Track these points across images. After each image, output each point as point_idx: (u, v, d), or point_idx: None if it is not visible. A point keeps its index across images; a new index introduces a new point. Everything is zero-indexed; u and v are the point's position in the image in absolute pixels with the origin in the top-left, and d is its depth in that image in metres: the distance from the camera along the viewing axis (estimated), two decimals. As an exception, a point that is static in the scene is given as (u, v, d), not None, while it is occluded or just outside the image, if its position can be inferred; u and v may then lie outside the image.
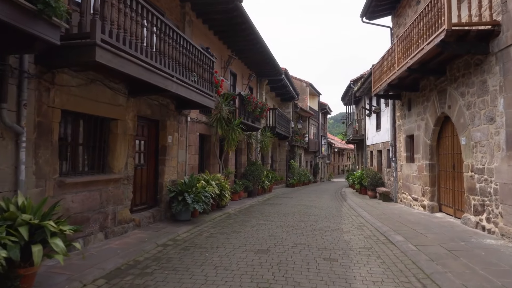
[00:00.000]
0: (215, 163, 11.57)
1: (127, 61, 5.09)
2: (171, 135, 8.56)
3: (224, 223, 8.20)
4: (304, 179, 25.70)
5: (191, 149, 9.80)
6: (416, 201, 10.94)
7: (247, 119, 12.73)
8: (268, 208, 11.13)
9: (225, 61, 12.41)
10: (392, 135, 13.55)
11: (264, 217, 9.08)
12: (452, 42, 6.78)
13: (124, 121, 6.60)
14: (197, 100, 7.81)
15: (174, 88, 6.60)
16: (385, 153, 15.21)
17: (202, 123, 10.64)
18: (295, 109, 24.92)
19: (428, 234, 6.72)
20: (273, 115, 18.20)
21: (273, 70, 16.06)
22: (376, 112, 16.56)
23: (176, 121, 8.83)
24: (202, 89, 8.10)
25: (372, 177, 15.26)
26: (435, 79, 9.37)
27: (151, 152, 8.11)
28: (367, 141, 19.30)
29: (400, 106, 12.68)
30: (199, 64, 8.07)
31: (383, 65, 11.72)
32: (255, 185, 14.63)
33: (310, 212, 10.34)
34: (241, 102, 12.00)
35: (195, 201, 7.82)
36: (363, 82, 16.33)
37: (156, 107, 7.90)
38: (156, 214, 7.84)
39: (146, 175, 7.91)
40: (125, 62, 5.05)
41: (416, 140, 10.94)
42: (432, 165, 9.95)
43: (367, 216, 9.44)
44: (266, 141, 15.71)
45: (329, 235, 6.90)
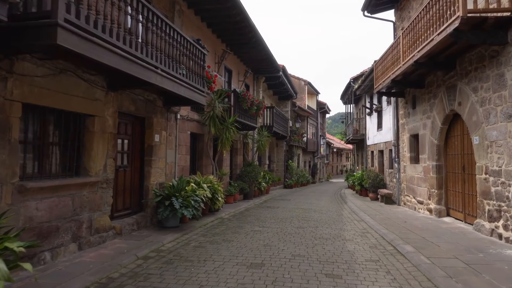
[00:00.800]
0: (208, 164, 10.89)
1: (100, 48, 4.41)
2: (159, 134, 7.88)
3: (216, 229, 7.52)
4: (302, 180, 25.06)
5: (182, 149, 9.12)
6: (421, 204, 10.29)
7: (243, 117, 12.06)
8: (265, 212, 10.46)
9: (219, 56, 11.73)
10: (394, 135, 12.91)
11: (259, 223, 8.41)
12: (466, 31, 6.13)
13: (102, 117, 5.92)
14: (186, 96, 7.14)
15: (158, 81, 5.92)
16: (387, 153, 14.57)
17: (194, 121, 9.96)
18: (293, 108, 24.26)
19: (439, 243, 6.06)
20: (271, 113, 17.53)
21: (271, 67, 15.39)
22: (377, 111, 15.92)
23: (164, 119, 8.15)
24: (192, 84, 7.42)
25: (374, 178, 14.62)
26: (443, 74, 8.73)
27: (136, 152, 7.43)
28: (367, 141, 18.67)
29: (404, 104, 12.04)
30: (189, 56, 7.40)
31: (386, 60, 11.08)
32: (251, 187, 13.96)
33: (309, 216, 9.68)
34: (236, 99, 11.33)
35: (183, 206, 7.14)
36: (364, 79, 15.70)
37: (141, 102, 7.22)
38: (140, 220, 7.15)
39: (130, 178, 7.23)
40: (97, 49, 4.37)
41: (422, 139, 10.30)
42: (439, 166, 9.31)
43: (370, 221, 8.78)
44: (263, 141, 15.04)
45: (330, 244, 6.24)
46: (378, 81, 12.14)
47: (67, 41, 3.84)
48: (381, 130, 15.55)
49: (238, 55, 13.82)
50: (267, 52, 13.48)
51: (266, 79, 17.65)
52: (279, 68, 16.07)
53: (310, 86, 29.67)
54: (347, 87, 21.83)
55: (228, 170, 12.88)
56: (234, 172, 14.13)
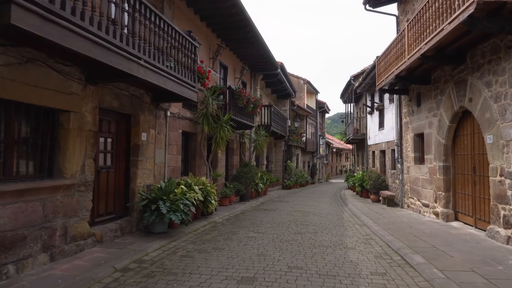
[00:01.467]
0: (202, 165, 10.32)
1: (68, 32, 3.84)
2: (146, 132, 7.31)
3: (207, 235, 6.96)
4: (301, 181, 24.50)
5: (172, 149, 8.55)
6: (426, 207, 9.74)
7: (239, 116, 11.50)
8: (261, 215, 9.89)
9: (213, 51, 11.17)
10: (397, 134, 12.36)
11: (255, 228, 7.84)
12: (482, 18, 5.56)
13: (79, 113, 5.34)
14: (175, 91, 6.57)
15: (141, 73, 5.36)
16: (389, 153, 14.01)
17: (186, 119, 9.39)
18: (292, 107, 23.70)
19: (452, 252, 5.50)
20: (268, 112, 16.97)
21: (268, 64, 14.82)
22: (379, 109, 15.36)
23: (152, 116, 7.58)
24: (182, 78, 6.86)
25: (375, 179, 14.07)
26: (451, 68, 8.18)
27: (120, 152, 6.86)
28: (368, 140, 18.12)
29: (407, 101, 11.48)
30: (178, 49, 6.84)
31: (389, 55, 10.52)
32: (247, 188, 13.40)
33: (308, 220, 9.11)
34: (231, 97, 10.76)
35: (171, 211, 6.57)
36: (365, 77, 15.15)
37: (126, 98, 6.64)
38: (125, 225, 6.58)
39: (114, 180, 6.65)
40: (65, 33, 3.80)
41: (427, 139, 9.74)
42: (446, 167, 8.75)
43: (373, 225, 8.23)
44: (260, 140, 14.48)
45: (331, 253, 5.68)
46: (380, 78, 11.59)
47: (24, 21, 3.27)
48: (382, 130, 15.00)
49: (234, 51, 13.26)
50: (265, 48, 12.92)
51: (264, 77, 17.09)
52: (277, 65, 15.51)
53: (309, 85, 29.12)
54: (347, 85, 21.27)
55: (223, 171, 12.31)
56: (230, 173, 13.57)
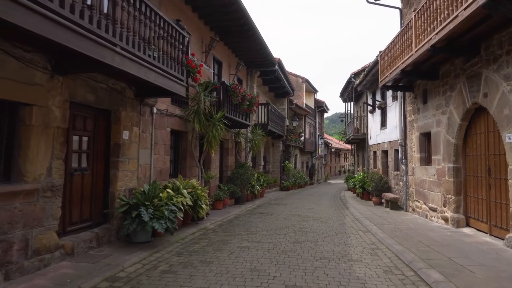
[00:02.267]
0: (193, 166, 9.62)
1: (21, 8, 3.16)
2: (128, 130, 6.61)
3: (195, 245, 6.26)
4: (300, 182, 23.84)
5: (159, 149, 7.86)
6: (434, 211, 9.07)
7: (233, 114, 10.81)
8: (256, 220, 9.20)
9: (206, 45, 10.48)
10: (401, 133, 11.70)
11: (249, 235, 7.16)
12: (505, 1, 4.91)
13: (44, 107, 4.64)
14: (159, 84, 5.88)
15: (117, 62, 4.66)
16: (392, 153, 13.35)
17: (175, 116, 8.69)
18: (290, 106, 23.03)
19: (472, 266, 4.83)
20: (266, 111, 16.28)
21: (265, 60, 14.14)
22: (381, 108, 14.70)
23: (136, 113, 6.88)
24: (167, 70, 6.17)
25: (377, 181, 13.40)
26: (462, 62, 7.52)
27: (98, 152, 6.15)
28: (369, 140, 17.46)
29: (412, 99, 10.82)
30: (164, 37, 6.15)
31: (393, 50, 9.86)
32: (243, 190, 12.71)
33: (308, 226, 8.43)
34: (225, 93, 10.07)
35: (155, 218, 5.87)
36: (366, 74, 14.49)
37: (104, 92, 5.94)
38: (103, 234, 5.88)
39: (90, 183, 5.95)
40: (17, 9, 3.12)
41: (435, 138, 9.08)
42: (457, 168, 8.08)
43: (378, 232, 7.55)
44: (257, 140, 13.79)
45: (334, 267, 4.99)
46: (383, 74, 10.92)
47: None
48: (385, 129, 14.34)
49: (229, 45, 12.57)
50: (261, 42, 12.24)
51: (261, 74, 16.40)
52: (274, 61, 14.82)
53: (308, 84, 28.46)
54: (347, 83, 20.61)
55: (217, 172, 11.62)
56: (225, 175, 12.87)
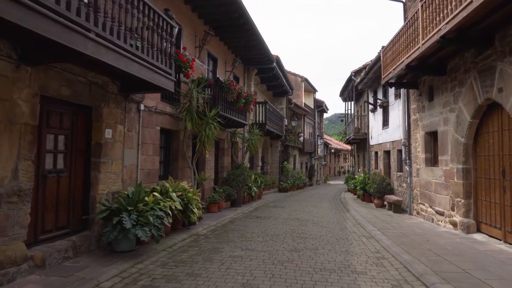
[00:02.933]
0: (185, 167, 9.07)
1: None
2: (112, 128, 6.07)
3: (184, 254, 5.71)
4: (299, 183, 23.30)
5: (147, 149, 7.32)
6: (441, 215, 8.54)
7: (229, 112, 10.27)
8: (252, 225, 8.66)
9: (200, 39, 9.94)
10: (405, 133, 11.18)
11: (243, 242, 6.61)
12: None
13: (8, 101, 4.10)
14: (143, 77, 5.34)
15: (90, 49, 4.12)
16: (394, 154, 12.82)
17: (165, 114, 8.15)
18: (289, 105, 22.49)
19: (491, 280, 4.29)
20: (263, 110, 15.74)
21: (263, 57, 13.60)
22: (383, 106, 14.17)
23: (120, 109, 6.34)
24: (153, 62, 5.63)
25: (379, 182, 12.87)
26: (473, 55, 6.99)
27: (78, 152, 5.61)
28: (370, 140, 16.93)
29: (417, 96, 10.29)
30: (150, 27, 5.61)
31: (397, 44, 9.34)
32: (239, 192, 12.17)
33: (307, 231, 7.89)
34: (220, 90, 9.53)
35: (138, 224, 5.33)
36: (368, 71, 13.96)
37: (83, 86, 5.40)
38: (81, 243, 5.33)
39: (67, 186, 5.40)
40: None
41: (442, 137, 8.55)
42: (466, 170, 7.55)
43: (382, 238, 7.02)
44: (254, 140, 13.25)
45: (336, 281, 4.45)
46: (386, 70, 10.40)
47: None
48: (387, 128, 13.82)
49: (225, 41, 12.04)
50: (258, 38, 11.71)
51: (258, 72, 15.86)
52: (272, 58, 14.29)
53: (307, 83, 27.94)
54: (347, 81, 20.09)
55: (211, 174, 11.07)
56: (220, 176, 12.33)
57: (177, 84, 8.74)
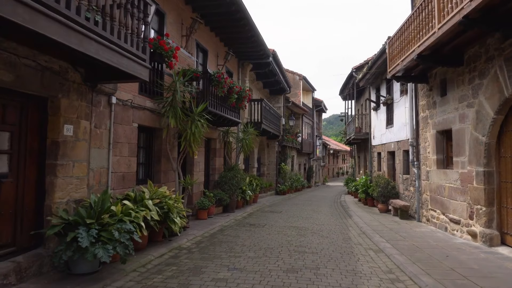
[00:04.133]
0: (169, 170, 8.08)
1: None
2: (73, 124, 5.08)
3: (158, 277, 4.72)
4: (297, 185, 22.34)
5: (122, 149, 6.33)
6: (456, 224, 7.59)
7: (219, 108, 9.28)
8: (244, 235, 7.68)
9: (187, 27, 8.96)
10: (412, 132, 10.23)
11: (231, 259, 5.63)
12: None
13: None
14: (107, 60, 4.37)
15: (22, 17, 3.14)
16: (400, 155, 11.87)
17: (144, 109, 7.16)
18: (287, 104, 21.51)
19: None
20: (259, 108, 14.76)
21: (258, 50, 12.62)
22: (387, 104, 13.22)
23: (85, 102, 5.35)
24: (120, 44, 4.65)
25: (384, 186, 11.91)
26: (498, 41, 6.06)
27: (28, 152, 4.62)
28: (372, 140, 15.98)
29: (427, 91, 9.35)
30: (117, 2, 4.63)
31: (406, 32, 8.38)
32: (232, 196, 11.19)
33: (306, 243, 6.92)
34: (208, 83, 8.54)
35: (100, 241, 4.34)
36: (371, 66, 13.01)
37: (32, 71, 4.41)
38: (29, 264, 4.33)
39: (13, 194, 4.41)
40: None
41: (457, 136, 7.60)
42: (488, 173, 6.60)
43: (393, 253, 6.06)
44: (249, 139, 12.26)
45: (345, 318, 3.48)
46: (393, 63, 9.45)
47: None
48: (391, 127, 12.87)
49: (217, 31, 11.07)
50: (253, 28, 10.73)
51: (254, 67, 14.88)
52: (268, 52, 13.30)
53: (305, 81, 26.99)
54: (347, 79, 19.15)
55: (201, 176, 10.08)
56: (212, 179, 11.35)
57: (158, 76, 7.78)
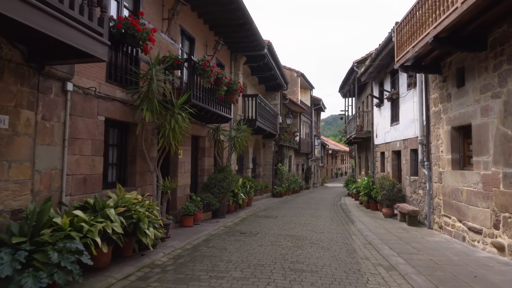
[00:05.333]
0: (146, 171, 7.01)
1: None
2: (10, 114, 4.02)
3: (112, 309, 3.67)
4: (294, 186, 21.29)
5: (82, 146, 5.26)
6: (477, 234, 6.56)
7: (206, 102, 8.21)
8: (232, 247, 6.62)
9: (169, 9, 7.90)
10: (422, 129, 9.21)
11: (212, 280, 4.58)
12: None
13: None
14: (44, 30, 3.33)
15: None
16: (407, 154, 10.84)
17: (114, 100, 6.09)
18: (284, 101, 20.45)
19: None
20: (254, 104, 13.70)
21: (252, 40, 11.57)
22: (391, 99, 12.19)
23: (27, 87, 4.28)
24: (61, 8, 3.59)
25: (389, 188, 10.88)
26: (535, 16, 5.03)
27: None
28: (375, 139, 14.94)
29: (440, 82, 8.33)
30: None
31: (419, 13, 7.36)
32: (223, 200, 10.14)
33: (304, 258, 5.87)
34: (192, 72, 7.48)
35: (32, 266, 3.28)
36: (374, 58, 11.98)
37: None
38: None
39: None
40: None
41: (478, 132, 6.58)
42: (519, 175, 5.58)
43: (408, 270, 5.02)
44: (241, 138, 11.21)
45: None
46: (402, 50, 8.42)
47: None
48: (397, 124, 11.84)
49: (205, 17, 10.02)
50: (245, 15, 9.68)
51: (248, 60, 13.82)
52: (263, 43, 12.26)
53: (303, 78, 25.95)
54: (348, 74, 18.11)
55: (186, 178, 9.01)
56: (200, 181, 10.30)
57: (133, 62, 6.72)
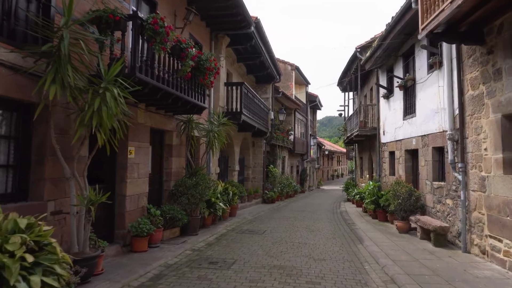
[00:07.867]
0: (61, 178, 4.71)
1: None
2: None
3: None
4: (288, 191, 19.13)
5: None
6: (557, 270, 4.37)
7: (165, 82, 5.96)
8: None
9: (110, -51, 5.63)
10: (452, 120, 7.07)
11: None
12: None
13: None
14: None
15: None
16: (428, 154, 8.64)
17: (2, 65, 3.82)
18: (276, 95, 18.24)
19: None
20: (239, 94, 11.47)
21: (235, 14, 9.33)
22: (405, 87, 10.02)
23: None
24: None
25: (405, 196, 8.69)
26: None
27: None
28: (382, 136, 12.76)
29: (482, 56, 6.16)
30: None
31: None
32: (194, 212, 7.89)
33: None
34: (139, 34, 5.21)
35: None
36: (386, 35, 9.76)
37: None
38: None
39: None
40: None
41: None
42: None
43: None
44: (219, 132, 8.95)
45: None
46: (429, 14, 6.22)
47: None
48: (412, 117, 9.66)
49: (171, -23, 7.77)
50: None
51: (232, 42, 11.58)
52: (249, 19, 10.01)
53: (298, 72, 23.78)
54: (349, 63, 15.91)
55: (141, 185, 6.73)
56: (166, 187, 8.03)
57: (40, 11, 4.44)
